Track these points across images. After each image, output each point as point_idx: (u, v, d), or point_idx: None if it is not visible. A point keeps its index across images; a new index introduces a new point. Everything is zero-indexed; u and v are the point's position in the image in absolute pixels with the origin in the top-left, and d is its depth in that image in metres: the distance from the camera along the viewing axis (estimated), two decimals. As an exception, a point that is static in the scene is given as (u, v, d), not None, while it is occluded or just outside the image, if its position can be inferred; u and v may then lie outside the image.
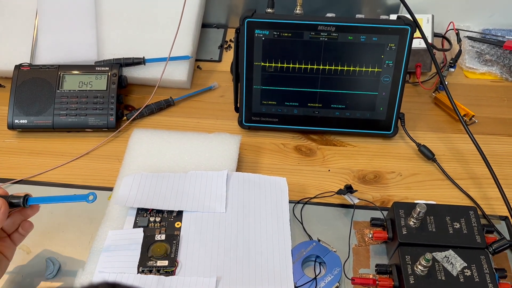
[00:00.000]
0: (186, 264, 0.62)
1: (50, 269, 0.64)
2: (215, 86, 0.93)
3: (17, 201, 0.57)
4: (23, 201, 0.57)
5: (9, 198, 0.57)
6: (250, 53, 0.77)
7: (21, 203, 0.57)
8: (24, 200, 0.58)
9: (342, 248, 0.67)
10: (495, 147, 0.82)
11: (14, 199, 0.57)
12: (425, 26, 0.91)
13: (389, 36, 0.74)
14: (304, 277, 0.63)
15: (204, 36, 1.03)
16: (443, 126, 0.86)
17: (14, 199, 0.57)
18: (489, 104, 0.90)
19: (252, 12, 0.75)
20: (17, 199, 0.57)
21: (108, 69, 0.85)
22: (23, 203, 0.58)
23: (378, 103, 0.80)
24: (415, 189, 0.76)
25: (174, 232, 0.66)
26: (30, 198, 0.58)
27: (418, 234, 0.62)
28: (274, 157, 0.81)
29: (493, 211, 0.73)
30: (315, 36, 0.75)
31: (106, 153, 0.82)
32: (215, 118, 0.88)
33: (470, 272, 0.58)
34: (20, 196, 0.58)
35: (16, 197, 0.58)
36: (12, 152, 0.82)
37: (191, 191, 0.70)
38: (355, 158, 0.81)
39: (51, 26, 0.91)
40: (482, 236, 0.62)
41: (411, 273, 0.58)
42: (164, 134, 0.79)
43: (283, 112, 0.82)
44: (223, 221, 0.67)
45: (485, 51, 0.96)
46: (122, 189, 0.70)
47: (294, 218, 0.71)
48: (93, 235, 0.68)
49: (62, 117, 0.82)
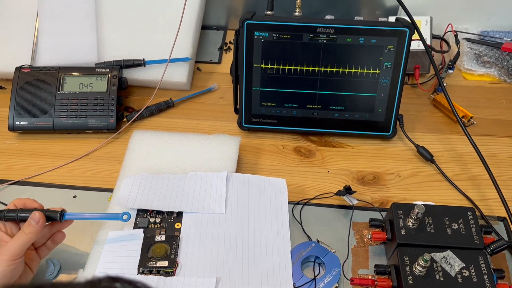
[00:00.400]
0: (186, 264, 0.63)
1: (51, 270, 0.65)
2: (215, 87, 0.93)
3: (54, 216, 0.60)
4: (59, 215, 0.60)
5: (46, 212, 0.60)
6: (250, 55, 0.78)
7: (58, 218, 0.60)
8: (60, 215, 0.60)
9: (341, 249, 0.68)
10: (493, 148, 0.82)
11: (51, 213, 0.60)
12: (424, 28, 0.92)
13: (387, 38, 0.75)
14: (303, 278, 0.64)
15: (203, 37, 1.04)
16: (442, 128, 0.87)
17: (50, 214, 0.60)
18: (487, 105, 0.91)
19: (251, 14, 0.76)
20: (54, 214, 0.60)
21: (108, 71, 0.86)
22: (60, 218, 0.60)
23: (377, 104, 0.80)
24: (413, 190, 0.76)
25: (174, 233, 0.66)
26: (65, 213, 0.61)
27: (417, 235, 0.62)
28: (273, 158, 0.81)
29: (491, 212, 0.73)
30: (314, 38, 0.76)
31: (106, 154, 0.82)
32: (214, 119, 0.88)
33: (468, 272, 0.59)
34: (56, 211, 0.60)
35: (52, 212, 0.60)
36: (13, 153, 0.82)
37: (191, 192, 0.70)
38: (354, 159, 0.81)
39: (51, 28, 0.91)
40: (480, 237, 0.62)
41: (409, 274, 0.58)
42: (164, 136, 0.79)
43: (282, 113, 0.82)
44: (222, 222, 0.68)
45: (483, 53, 0.97)
46: (122, 190, 0.70)
47: (293, 219, 0.71)
48: (93, 236, 0.68)
49: (63, 119, 0.83)
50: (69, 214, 0.61)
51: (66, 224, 0.63)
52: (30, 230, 0.57)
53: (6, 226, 0.59)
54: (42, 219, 0.58)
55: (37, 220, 0.57)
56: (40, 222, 0.57)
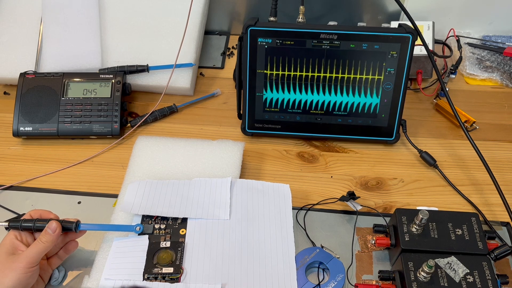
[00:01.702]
0: (191, 271, 0.63)
1: (56, 276, 0.65)
2: (218, 93, 0.94)
3: (69, 226, 0.62)
4: (75, 226, 0.62)
5: (62, 222, 0.62)
6: (253, 61, 0.78)
7: (73, 228, 0.62)
8: (76, 226, 0.62)
9: (345, 255, 0.68)
10: (496, 153, 0.83)
11: (67, 223, 0.62)
12: (426, 33, 0.92)
13: (390, 44, 0.75)
14: (308, 284, 0.64)
15: (206, 43, 1.04)
16: (445, 133, 0.87)
17: (66, 224, 0.62)
18: (489, 110, 0.91)
19: (255, 21, 0.76)
20: (69, 224, 0.62)
21: (112, 77, 0.86)
22: (75, 229, 0.62)
23: (380, 110, 0.80)
24: (417, 196, 0.77)
25: (179, 239, 0.66)
26: (80, 224, 0.63)
27: (421, 240, 0.62)
28: (277, 164, 0.82)
29: (495, 217, 0.73)
30: (317, 44, 0.76)
31: (110, 160, 0.82)
32: (218, 124, 0.89)
33: (472, 278, 0.59)
34: (72, 222, 0.62)
35: (68, 222, 0.62)
36: (17, 159, 0.82)
37: (195, 198, 0.71)
38: (357, 165, 0.81)
39: (55, 34, 0.92)
40: (484, 242, 0.62)
41: (414, 280, 0.59)
42: (168, 141, 0.79)
43: (285, 119, 0.83)
44: (227, 228, 0.68)
45: (486, 58, 0.97)
46: (127, 196, 0.71)
47: (297, 225, 0.72)
48: (98, 242, 0.68)
49: (67, 125, 0.83)
50: (84, 224, 0.63)
51: (79, 234, 0.64)
52: (47, 238, 0.59)
53: (22, 235, 0.61)
54: (59, 229, 0.60)
55: (54, 229, 0.59)
56: (57, 231, 0.60)
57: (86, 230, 0.65)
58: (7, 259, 0.57)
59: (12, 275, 0.56)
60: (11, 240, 0.60)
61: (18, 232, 0.61)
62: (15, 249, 0.59)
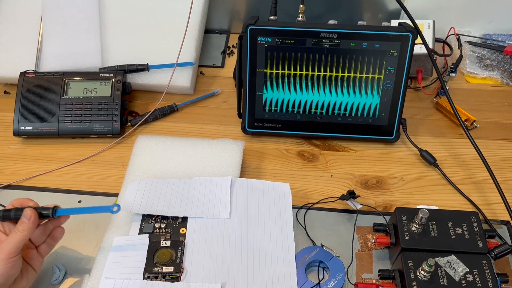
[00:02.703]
0: (191, 270, 0.63)
1: (56, 275, 0.65)
2: (218, 92, 0.94)
3: (46, 212, 0.60)
4: (52, 212, 0.60)
5: (39, 209, 0.60)
6: (253, 60, 0.78)
7: (50, 214, 0.60)
8: (53, 212, 0.60)
9: (345, 253, 0.68)
10: (496, 152, 0.83)
11: (44, 210, 0.60)
12: (426, 32, 0.92)
13: (390, 43, 0.75)
14: (308, 282, 0.64)
15: (206, 41, 1.04)
16: (445, 131, 0.87)
17: (43, 211, 0.60)
18: (490, 109, 0.91)
19: (255, 20, 0.76)
20: (46, 211, 0.60)
21: (112, 76, 0.86)
22: (52, 215, 0.60)
23: (380, 108, 0.80)
24: (417, 194, 0.77)
25: (179, 238, 0.67)
26: (58, 209, 0.61)
27: (421, 239, 0.63)
28: (277, 163, 0.82)
29: (495, 215, 0.73)
30: (317, 43, 0.76)
31: (110, 159, 0.82)
32: (218, 123, 0.89)
33: (472, 277, 0.59)
34: (49, 208, 0.60)
35: (45, 209, 0.60)
36: (18, 158, 0.82)
37: (195, 197, 0.71)
38: (357, 164, 0.81)
39: (56, 34, 0.92)
40: (484, 241, 0.62)
41: (413, 278, 0.59)
42: (168, 140, 0.79)
43: (285, 118, 0.83)
44: (227, 227, 0.68)
45: (486, 56, 0.97)
46: (127, 195, 0.71)
47: (297, 224, 0.72)
48: (98, 241, 0.68)
49: (67, 124, 0.83)
50: (62, 210, 0.61)
51: (62, 220, 0.63)
52: (23, 227, 0.57)
53: (4, 225, 0.59)
54: (33, 216, 0.58)
55: (28, 217, 0.57)
56: (32, 219, 0.58)
57: (69, 216, 0.63)
58: None
59: None
60: None
61: (1, 223, 0.59)
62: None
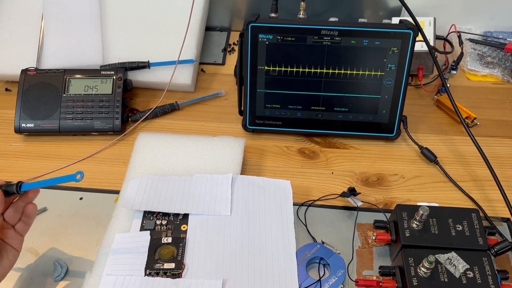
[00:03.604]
0: (192, 266, 0.63)
1: (58, 272, 0.65)
2: (222, 93, 0.93)
3: (11, 189, 0.58)
4: (16, 187, 0.58)
5: (3, 187, 0.58)
6: (254, 57, 0.78)
7: (15, 190, 0.58)
8: (17, 187, 0.58)
9: (345, 250, 0.68)
10: (496, 149, 0.83)
11: (8, 187, 0.58)
12: (427, 29, 0.92)
13: (391, 40, 0.75)
14: (308, 279, 0.64)
15: (207, 39, 1.04)
16: (445, 129, 0.87)
17: (7, 188, 0.58)
18: (490, 106, 0.91)
19: (256, 17, 0.76)
20: (11, 187, 0.58)
21: (113, 73, 0.86)
22: (17, 190, 0.58)
23: (380, 106, 0.80)
24: (417, 191, 0.77)
25: (180, 235, 0.67)
26: (23, 184, 0.59)
27: (421, 236, 0.63)
28: (277, 160, 0.82)
29: (495, 213, 0.74)
30: (318, 40, 0.76)
31: (112, 156, 0.83)
32: (219, 121, 0.89)
33: (472, 274, 0.59)
34: (13, 184, 0.58)
35: (9, 186, 0.58)
36: (19, 155, 0.83)
37: (196, 194, 0.71)
38: (358, 161, 0.82)
39: (56, 31, 0.92)
40: (484, 238, 0.62)
41: (414, 275, 0.59)
42: (169, 138, 0.79)
43: (286, 115, 0.83)
44: (228, 224, 0.68)
45: (487, 54, 0.97)
46: (128, 192, 0.71)
47: (298, 221, 0.72)
48: (100, 238, 0.69)
49: (68, 121, 0.83)
50: (26, 184, 0.59)
51: (31, 195, 0.61)
52: None
53: None
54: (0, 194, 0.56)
55: None
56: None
57: (38, 190, 0.61)
58: None
59: None
60: None
61: None
62: None
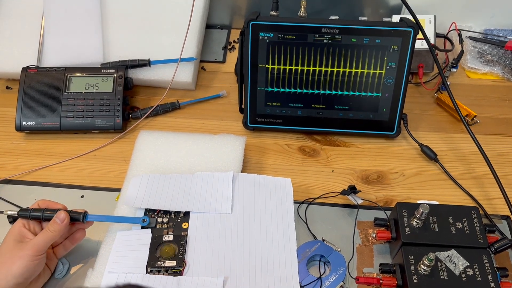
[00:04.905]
0: (193, 264, 0.64)
1: (60, 269, 0.66)
2: (224, 94, 0.93)
3: (77, 216, 0.64)
4: (82, 217, 0.64)
5: (70, 213, 0.63)
6: (255, 55, 0.78)
7: (81, 219, 0.64)
8: (83, 216, 0.64)
9: (346, 248, 0.68)
10: (496, 147, 0.83)
11: (74, 214, 0.63)
12: (427, 27, 0.92)
13: (392, 38, 0.75)
14: (309, 277, 0.65)
15: (207, 37, 1.04)
16: (445, 127, 0.87)
17: (74, 214, 0.63)
18: (490, 104, 0.91)
19: (256, 15, 0.76)
20: (77, 215, 0.64)
21: (114, 71, 0.86)
22: (82, 219, 0.64)
23: (381, 104, 0.81)
24: (417, 189, 0.77)
25: (181, 232, 0.67)
26: (88, 215, 0.65)
27: (421, 234, 0.63)
28: (278, 158, 0.82)
29: (495, 210, 0.74)
30: (319, 39, 0.76)
31: (113, 154, 0.83)
32: (219, 119, 0.89)
33: (472, 271, 0.59)
34: (80, 212, 0.64)
35: (76, 213, 0.64)
36: (20, 153, 0.83)
37: (197, 192, 0.71)
38: (358, 159, 0.82)
39: (57, 29, 0.92)
40: (484, 236, 0.63)
41: (414, 273, 0.59)
42: (170, 136, 0.80)
43: (287, 113, 0.83)
44: (229, 222, 0.68)
45: (487, 52, 0.97)
46: (130, 190, 0.71)
47: (298, 218, 0.72)
48: (101, 235, 0.69)
49: (69, 119, 0.84)
50: (91, 216, 0.64)
51: (87, 224, 0.66)
52: (54, 228, 0.60)
53: (30, 224, 0.62)
54: (67, 219, 0.62)
55: (62, 219, 0.61)
56: (65, 221, 0.61)
57: (93, 221, 0.66)
58: (15, 246, 0.59)
59: (20, 263, 0.57)
60: (19, 228, 0.61)
61: (27, 221, 0.62)
62: (23, 237, 0.60)
